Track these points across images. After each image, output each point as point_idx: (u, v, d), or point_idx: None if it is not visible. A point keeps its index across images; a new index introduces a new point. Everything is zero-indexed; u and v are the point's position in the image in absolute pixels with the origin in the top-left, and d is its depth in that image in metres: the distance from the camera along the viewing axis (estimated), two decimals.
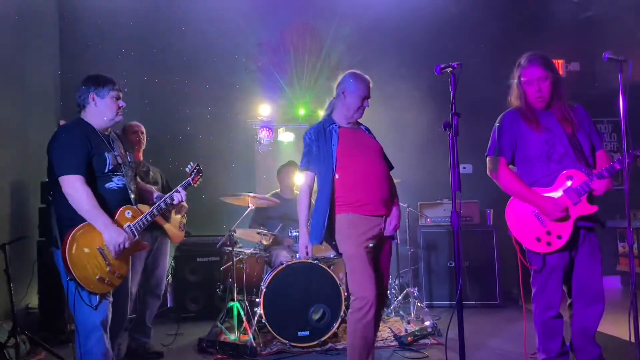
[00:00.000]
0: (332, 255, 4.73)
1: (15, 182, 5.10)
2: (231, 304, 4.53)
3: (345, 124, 3.34)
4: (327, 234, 3.17)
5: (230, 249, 4.63)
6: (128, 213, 2.87)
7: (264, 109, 6.44)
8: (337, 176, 3.17)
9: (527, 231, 3.03)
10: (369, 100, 3.33)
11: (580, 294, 3.04)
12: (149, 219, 2.95)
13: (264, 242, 5.05)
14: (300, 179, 3.44)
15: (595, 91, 6.83)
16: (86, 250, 2.69)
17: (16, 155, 5.14)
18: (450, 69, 2.59)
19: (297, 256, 4.60)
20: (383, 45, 6.62)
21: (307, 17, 6.41)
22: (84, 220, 2.72)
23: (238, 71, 6.48)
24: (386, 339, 4.46)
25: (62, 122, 5.35)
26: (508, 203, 3.13)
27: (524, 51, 3.13)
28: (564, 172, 2.98)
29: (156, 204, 3.06)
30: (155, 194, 3.30)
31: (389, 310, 5.23)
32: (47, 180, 4.65)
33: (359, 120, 3.42)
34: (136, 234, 2.87)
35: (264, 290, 4.30)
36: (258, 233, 4.94)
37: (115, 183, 2.88)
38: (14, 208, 5.01)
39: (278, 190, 5.62)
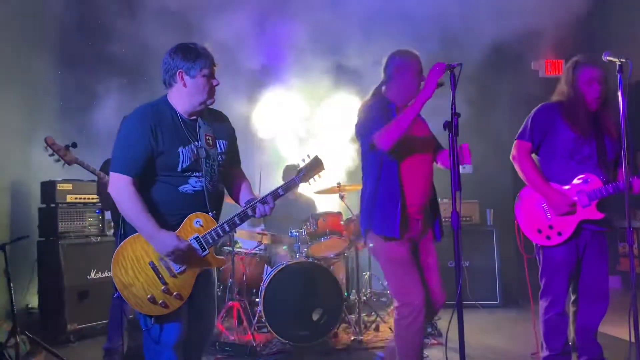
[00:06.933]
0: (332, 255, 4.73)
1: (15, 182, 5.10)
2: (231, 304, 4.53)
3: (401, 106, 2.96)
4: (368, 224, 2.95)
5: (230, 249, 4.63)
6: (197, 222, 2.39)
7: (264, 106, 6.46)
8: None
9: (531, 221, 3.10)
10: (423, 76, 2.91)
11: (586, 293, 3.10)
12: (227, 229, 2.43)
13: (264, 242, 5.05)
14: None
15: None
16: (135, 264, 2.33)
17: (16, 155, 5.14)
18: (450, 69, 2.58)
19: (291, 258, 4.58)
20: (382, 41, 6.59)
21: (312, 13, 6.38)
22: None
23: (238, 70, 6.46)
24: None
25: None
26: (521, 190, 3.19)
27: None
28: (582, 175, 3.02)
29: (237, 213, 2.48)
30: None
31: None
32: (47, 180, 4.74)
33: None
34: (206, 247, 2.38)
35: (264, 290, 4.29)
36: (258, 233, 4.94)
37: (191, 186, 2.40)
38: (14, 208, 5.01)
39: None
